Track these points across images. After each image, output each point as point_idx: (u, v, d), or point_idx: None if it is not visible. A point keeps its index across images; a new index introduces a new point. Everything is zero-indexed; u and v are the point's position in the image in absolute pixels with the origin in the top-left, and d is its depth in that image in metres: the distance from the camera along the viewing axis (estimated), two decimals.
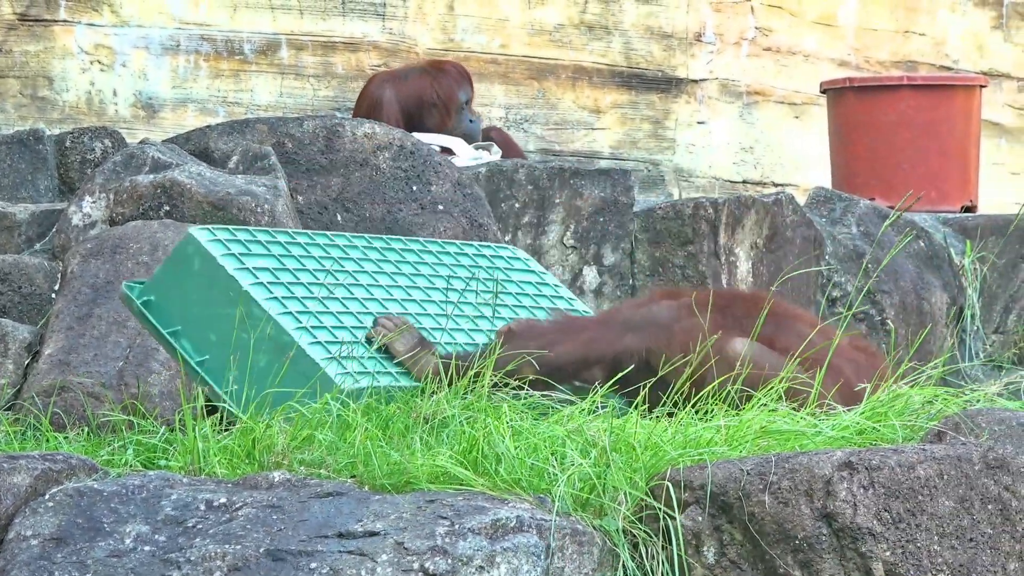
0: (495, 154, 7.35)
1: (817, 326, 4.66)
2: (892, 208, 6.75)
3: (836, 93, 7.26)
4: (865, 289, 6.00)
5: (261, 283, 4.69)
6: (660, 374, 4.44)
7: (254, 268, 4.72)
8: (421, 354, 4.66)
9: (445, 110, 7.33)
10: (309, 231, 5.04)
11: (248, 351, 4.56)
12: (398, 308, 4.84)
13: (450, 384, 4.43)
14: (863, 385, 4.46)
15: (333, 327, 4.66)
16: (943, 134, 7.04)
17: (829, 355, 4.49)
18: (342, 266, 4.93)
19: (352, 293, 4.84)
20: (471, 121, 7.40)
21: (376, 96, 7.43)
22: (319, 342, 4.58)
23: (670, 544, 3.89)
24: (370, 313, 4.78)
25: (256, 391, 4.49)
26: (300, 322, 4.61)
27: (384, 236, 5.20)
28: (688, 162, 8.02)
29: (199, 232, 4.80)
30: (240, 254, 4.77)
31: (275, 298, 4.66)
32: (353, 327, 4.69)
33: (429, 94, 7.35)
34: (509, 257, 5.32)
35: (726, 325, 4.54)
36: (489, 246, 5.36)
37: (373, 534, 3.74)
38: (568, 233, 6.50)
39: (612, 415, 4.16)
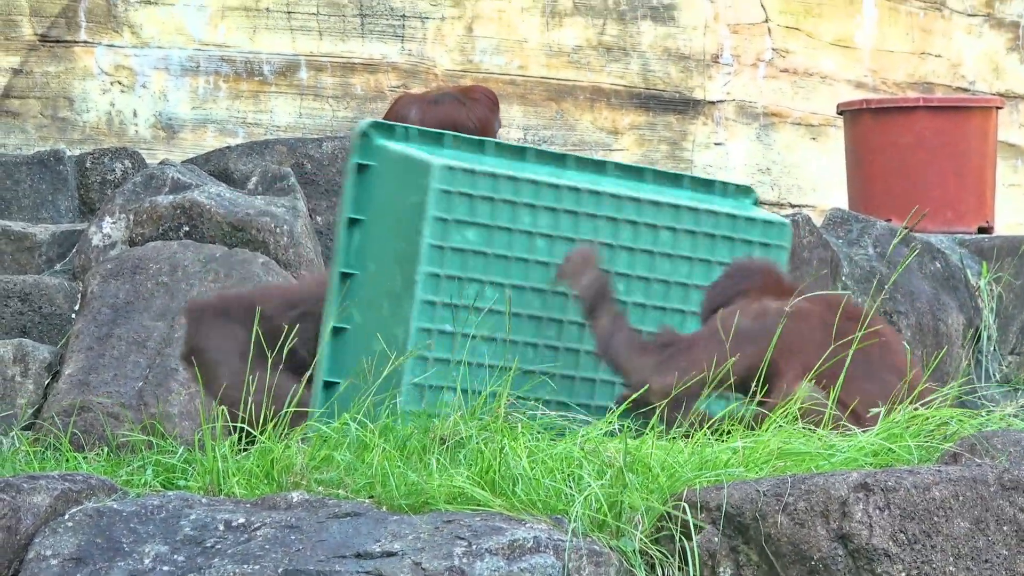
0: None
1: (904, 378, 4.56)
2: (911, 231, 6.75)
3: (853, 114, 7.26)
4: (875, 307, 5.99)
5: (437, 260, 4.38)
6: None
7: (450, 248, 4.39)
8: (601, 306, 4.52)
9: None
10: (544, 152, 4.65)
11: (380, 312, 4.38)
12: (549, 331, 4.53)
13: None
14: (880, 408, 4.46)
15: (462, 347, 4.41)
16: (959, 155, 7.03)
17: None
18: (548, 232, 4.51)
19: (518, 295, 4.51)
20: None
21: (401, 116, 7.46)
22: (424, 363, 4.38)
23: (686, 565, 3.90)
24: (516, 342, 4.46)
25: (354, 356, 4.34)
26: (429, 321, 4.35)
27: (619, 167, 4.68)
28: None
29: (438, 166, 4.45)
30: (453, 196, 4.40)
31: (437, 275, 4.38)
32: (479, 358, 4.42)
33: (464, 122, 7.37)
34: (746, 218, 4.73)
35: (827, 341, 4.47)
36: (729, 196, 4.76)
37: (391, 554, 3.75)
38: None
39: (627, 436, 4.17)
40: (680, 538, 3.90)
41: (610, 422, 4.29)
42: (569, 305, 4.56)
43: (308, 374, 4.47)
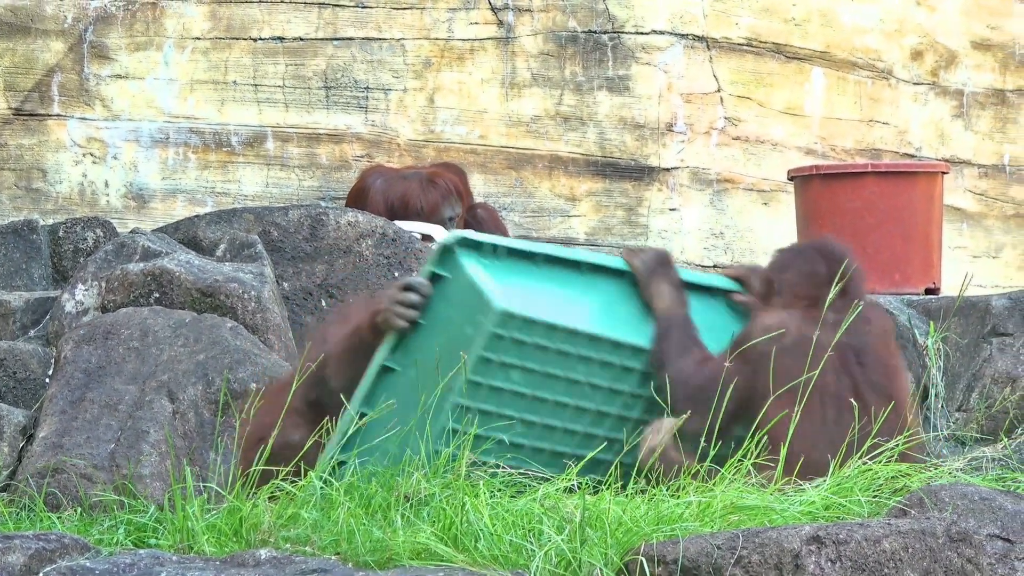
0: None
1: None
2: None
3: (803, 180, 7.32)
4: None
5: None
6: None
7: (489, 385, 4.41)
8: (668, 306, 4.60)
9: (428, 221, 7.42)
10: None
11: (410, 413, 4.38)
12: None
13: None
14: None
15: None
16: (906, 219, 7.08)
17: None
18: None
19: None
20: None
21: (368, 185, 7.55)
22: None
23: None
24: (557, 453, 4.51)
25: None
26: (446, 446, 4.33)
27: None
28: (661, 247, 8.13)
29: (497, 310, 4.35)
30: (505, 340, 4.40)
31: (468, 407, 4.38)
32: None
33: (415, 202, 7.46)
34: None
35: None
36: (724, 288, 4.85)
37: None
38: None
39: (585, 492, 4.24)
40: None
41: (569, 478, 4.37)
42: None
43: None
